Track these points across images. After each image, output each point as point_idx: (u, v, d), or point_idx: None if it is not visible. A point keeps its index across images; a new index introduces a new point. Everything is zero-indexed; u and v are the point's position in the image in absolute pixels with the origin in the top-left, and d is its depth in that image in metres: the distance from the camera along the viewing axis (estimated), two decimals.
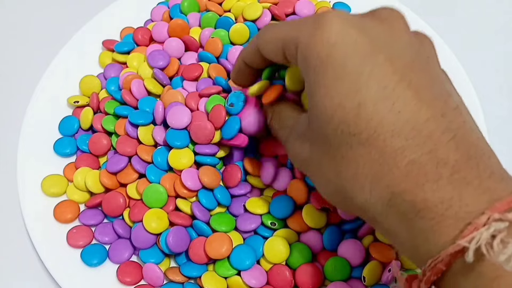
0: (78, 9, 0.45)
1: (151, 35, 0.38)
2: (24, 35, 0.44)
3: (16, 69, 0.42)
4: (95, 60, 0.39)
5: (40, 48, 0.43)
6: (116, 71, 0.37)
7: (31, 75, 0.39)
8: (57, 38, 0.41)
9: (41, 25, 0.44)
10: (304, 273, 0.29)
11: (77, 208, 0.32)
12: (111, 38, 0.40)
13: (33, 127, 0.35)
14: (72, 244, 0.31)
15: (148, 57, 0.36)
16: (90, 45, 0.39)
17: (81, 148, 0.34)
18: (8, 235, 0.34)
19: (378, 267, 0.28)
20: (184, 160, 0.31)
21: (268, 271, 0.29)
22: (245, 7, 0.38)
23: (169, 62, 0.36)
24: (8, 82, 0.41)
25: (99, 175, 0.32)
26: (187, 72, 0.35)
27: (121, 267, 0.30)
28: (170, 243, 0.29)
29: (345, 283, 0.28)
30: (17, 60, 0.43)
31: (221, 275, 0.29)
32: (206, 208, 0.30)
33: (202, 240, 0.29)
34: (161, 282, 0.29)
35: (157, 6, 0.41)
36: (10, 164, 0.35)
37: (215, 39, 0.36)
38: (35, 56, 0.42)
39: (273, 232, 0.30)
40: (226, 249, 0.29)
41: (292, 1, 0.39)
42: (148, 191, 0.31)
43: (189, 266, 0.30)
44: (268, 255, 0.29)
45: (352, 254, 0.29)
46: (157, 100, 0.34)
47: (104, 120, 0.34)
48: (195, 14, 0.39)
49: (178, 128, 0.31)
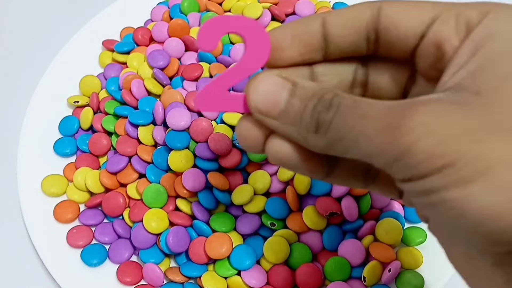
0: (78, 9, 0.45)
1: (151, 35, 0.38)
2: (24, 35, 0.44)
3: (16, 69, 0.42)
4: (95, 60, 0.39)
5: (40, 48, 0.43)
6: (116, 71, 0.37)
7: (31, 75, 0.39)
8: (57, 38, 0.41)
9: (41, 25, 0.44)
10: (304, 273, 0.29)
11: (77, 208, 0.32)
12: (111, 38, 0.40)
13: (33, 127, 0.35)
14: (72, 244, 0.31)
15: (148, 57, 0.36)
16: (90, 45, 0.39)
17: (81, 148, 0.34)
18: (8, 235, 0.34)
19: (378, 267, 0.28)
20: (184, 162, 0.31)
21: (268, 271, 0.29)
22: (245, 7, 0.38)
23: (169, 62, 0.36)
24: (8, 82, 0.41)
25: (99, 175, 0.32)
26: (187, 72, 0.35)
27: (121, 267, 0.30)
28: (170, 243, 0.29)
29: (345, 283, 0.28)
30: (17, 60, 0.43)
31: (221, 275, 0.29)
32: (206, 208, 0.30)
33: (202, 240, 0.29)
34: (161, 282, 0.29)
35: (157, 6, 0.41)
36: (10, 164, 0.35)
37: None
38: (35, 56, 0.42)
39: (273, 232, 0.30)
40: (226, 249, 0.29)
41: (292, 1, 0.39)
42: (148, 191, 0.31)
43: (189, 266, 0.30)
44: (268, 255, 0.29)
45: (352, 254, 0.29)
46: (157, 100, 0.34)
47: (104, 120, 0.34)
48: (195, 14, 0.39)
49: (178, 130, 0.31)
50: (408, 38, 0.16)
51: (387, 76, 0.19)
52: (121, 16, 0.41)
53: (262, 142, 0.17)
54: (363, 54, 0.18)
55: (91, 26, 0.40)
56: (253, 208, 0.30)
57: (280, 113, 0.16)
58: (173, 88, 0.35)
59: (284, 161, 0.17)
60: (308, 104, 0.15)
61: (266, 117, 0.16)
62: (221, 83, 0.17)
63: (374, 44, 0.17)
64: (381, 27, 0.17)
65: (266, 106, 0.16)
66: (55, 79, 0.37)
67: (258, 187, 0.31)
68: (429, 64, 0.16)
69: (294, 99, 0.16)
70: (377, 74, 0.19)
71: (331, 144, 0.15)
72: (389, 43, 0.17)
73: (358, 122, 0.14)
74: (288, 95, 0.16)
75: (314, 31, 0.17)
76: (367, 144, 0.14)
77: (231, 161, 0.31)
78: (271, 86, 0.16)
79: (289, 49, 0.17)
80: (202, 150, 0.31)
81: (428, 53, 0.16)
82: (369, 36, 0.17)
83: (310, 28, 0.17)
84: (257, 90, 0.16)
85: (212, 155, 0.31)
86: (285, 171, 0.31)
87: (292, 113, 0.16)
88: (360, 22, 0.17)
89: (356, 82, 0.19)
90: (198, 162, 0.31)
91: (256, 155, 0.31)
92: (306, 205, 0.30)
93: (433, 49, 0.16)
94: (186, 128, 0.32)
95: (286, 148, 0.17)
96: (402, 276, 0.29)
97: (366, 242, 0.29)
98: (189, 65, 0.36)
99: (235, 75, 0.17)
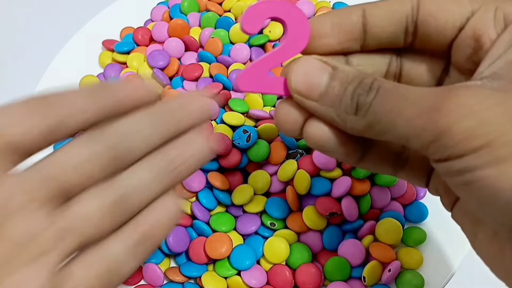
0: (78, 9, 0.45)
1: (151, 35, 0.39)
2: (24, 35, 0.44)
3: (16, 69, 0.42)
4: (95, 60, 0.39)
5: (40, 48, 0.43)
6: (116, 71, 0.37)
7: (31, 75, 0.39)
8: (57, 38, 0.41)
9: (41, 25, 0.44)
10: (304, 273, 0.29)
11: None
12: (111, 38, 0.40)
13: None
14: None
15: (148, 57, 0.36)
16: (90, 45, 0.39)
17: None
18: None
19: (378, 267, 0.28)
20: None
21: (268, 271, 0.29)
22: (245, 7, 0.38)
23: (169, 62, 0.36)
24: (9, 82, 0.41)
25: None
26: (187, 72, 0.35)
27: None
28: (170, 243, 0.29)
29: (345, 283, 0.28)
30: (18, 60, 0.43)
31: (221, 275, 0.29)
32: (206, 208, 0.30)
33: (202, 240, 0.30)
34: (161, 282, 0.29)
35: (157, 6, 0.41)
36: None
37: (215, 39, 0.36)
38: (35, 56, 0.42)
39: (273, 232, 0.30)
40: (226, 249, 0.29)
41: (292, 1, 0.39)
42: None
43: (189, 266, 0.30)
44: (268, 255, 0.29)
45: (352, 254, 0.29)
46: None
47: None
48: (195, 14, 0.39)
49: None
50: (446, 31, 0.17)
51: (421, 68, 0.19)
52: (121, 16, 0.41)
53: (301, 126, 0.18)
54: (400, 46, 0.18)
55: (91, 26, 0.40)
56: (253, 208, 0.30)
57: (320, 95, 0.16)
58: (173, 88, 0.35)
59: (322, 144, 0.17)
60: (348, 87, 0.16)
61: (306, 99, 0.17)
62: (262, 65, 0.18)
63: (412, 36, 0.18)
64: (420, 19, 0.17)
65: (306, 88, 0.16)
66: (55, 79, 0.37)
67: (258, 187, 0.31)
68: (466, 57, 0.17)
69: (335, 82, 0.16)
70: (411, 66, 0.19)
71: (369, 125, 0.16)
72: (426, 35, 0.17)
73: (397, 105, 0.15)
74: (328, 78, 0.16)
75: (354, 21, 0.18)
76: (405, 126, 0.15)
77: (231, 161, 0.31)
78: (312, 69, 0.17)
79: (328, 37, 0.18)
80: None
81: (465, 46, 0.17)
82: (408, 28, 0.18)
83: (350, 18, 0.18)
84: (298, 72, 0.17)
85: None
86: (285, 171, 0.31)
87: (332, 95, 0.16)
88: (401, 14, 0.17)
89: (389, 74, 0.19)
90: None
91: (257, 156, 0.31)
92: (306, 205, 0.30)
93: (471, 41, 0.16)
94: None
95: (324, 131, 0.17)
96: (402, 276, 0.29)
97: (366, 242, 0.29)
98: (189, 65, 0.36)
99: (275, 58, 0.18)
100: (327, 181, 0.30)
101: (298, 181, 0.30)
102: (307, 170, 0.30)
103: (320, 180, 0.30)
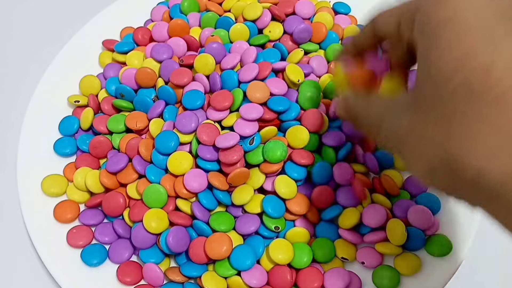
0: (78, 9, 0.45)
1: (151, 35, 0.38)
2: (24, 35, 0.44)
3: (16, 69, 0.42)
4: (95, 60, 0.39)
5: (40, 48, 0.43)
6: (116, 71, 0.37)
7: (31, 75, 0.39)
8: (57, 38, 0.41)
9: (41, 25, 0.45)
10: (304, 273, 0.29)
11: (77, 208, 0.32)
12: (111, 38, 0.40)
13: (33, 127, 0.35)
14: (72, 244, 0.31)
15: (152, 51, 0.36)
16: (90, 45, 0.39)
17: (81, 148, 0.34)
18: (8, 235, 0.34)
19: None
20: (184, 164, 0.31)
21: (268, 271, 0.29)
22: (245, 7, 0.38)
23: (172, 55, 0.36)
24: (8, 82, 0.41)
25: (99, 175, 0.32)
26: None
27: (121, 267, 0.30)
28: (170, 243, 0.29)
29: (342, 269, 0.29)
30: (18, 60, 0.43)
31: (221, 275, 0.29)
32: (206, 208, 0.30)
33: (202, 240, 0.29)
34: (161, 282, 0.29)
35: (157, 6, 0.41)
36: (10, 164, 0.35)
37: (215, 36, 0.37)
38: (35, 56, 0.42)
39: (275, 235, 0.30)
40: (226, 249, 0.29)
41: (292, 1, 0.39)
42: (148, 191, 0.31)
43: (189, 266, 0.30)
44: (273, 256, 0.29)
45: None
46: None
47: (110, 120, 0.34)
48: (195, 14, 0.39)
49: (186, 133, 0.32)
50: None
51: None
52: (121, 16, 0.41)
53: None
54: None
55: (91, 26, 0.40)
56: (253, 208, 0.30)
57: None
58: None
59: None
60: None
61: None
62: None
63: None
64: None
65: None
66: (55, 79, 0.37)
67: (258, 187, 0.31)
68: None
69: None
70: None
71: None
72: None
73: None
74: None
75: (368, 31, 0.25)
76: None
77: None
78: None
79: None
80: (204, 151, 0.31)
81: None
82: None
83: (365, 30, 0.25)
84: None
85: (214, 156, 0.31)
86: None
87: None
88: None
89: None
90: (199, 162, 0.31)
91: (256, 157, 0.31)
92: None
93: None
94: (194, 130, 0.32)
95: None
96: (433, 239, 0.30)
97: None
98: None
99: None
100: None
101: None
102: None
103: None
